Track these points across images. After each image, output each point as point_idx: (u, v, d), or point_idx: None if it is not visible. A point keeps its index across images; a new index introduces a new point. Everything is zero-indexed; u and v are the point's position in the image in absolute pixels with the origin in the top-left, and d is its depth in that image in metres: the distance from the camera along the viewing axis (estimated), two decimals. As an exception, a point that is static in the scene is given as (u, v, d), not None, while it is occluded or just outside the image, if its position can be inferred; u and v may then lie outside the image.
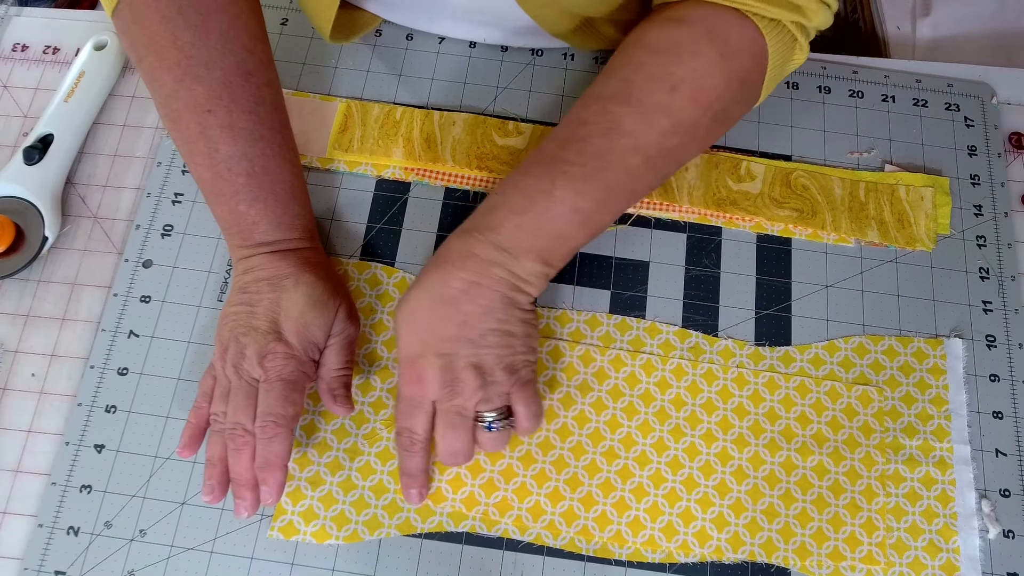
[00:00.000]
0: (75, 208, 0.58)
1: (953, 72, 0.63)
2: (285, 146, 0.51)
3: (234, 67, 0.48)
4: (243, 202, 0.49)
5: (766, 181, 0.58)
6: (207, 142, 0.48)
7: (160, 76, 0.48)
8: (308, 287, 0.49)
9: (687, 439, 0.51)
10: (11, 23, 0.64)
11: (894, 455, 0.51)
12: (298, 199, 0.51)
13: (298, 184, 0.51)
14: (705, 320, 0.55)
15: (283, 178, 0.50)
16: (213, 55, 0.48)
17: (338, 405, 0.50)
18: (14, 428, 0.52)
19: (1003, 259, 0.57)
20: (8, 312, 0.55)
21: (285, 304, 0.48)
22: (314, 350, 0.49)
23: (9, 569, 0.49)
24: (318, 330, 0.49)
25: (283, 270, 0.49)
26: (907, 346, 0.54)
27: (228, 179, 0.48)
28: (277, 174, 0.50)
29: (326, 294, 0.49)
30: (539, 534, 0.49)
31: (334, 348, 0.50)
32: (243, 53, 0.49)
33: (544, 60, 0.62)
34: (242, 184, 0.49)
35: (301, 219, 0.51)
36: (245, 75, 0.49)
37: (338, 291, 0.51)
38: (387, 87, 0.61)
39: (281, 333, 0.48)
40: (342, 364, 0.50)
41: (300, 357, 0.48)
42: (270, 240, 0.50)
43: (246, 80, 0.49)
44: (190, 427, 0.49)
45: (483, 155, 0.58)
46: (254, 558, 0.49)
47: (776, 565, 0.49)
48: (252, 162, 0.49)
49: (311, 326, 0.48)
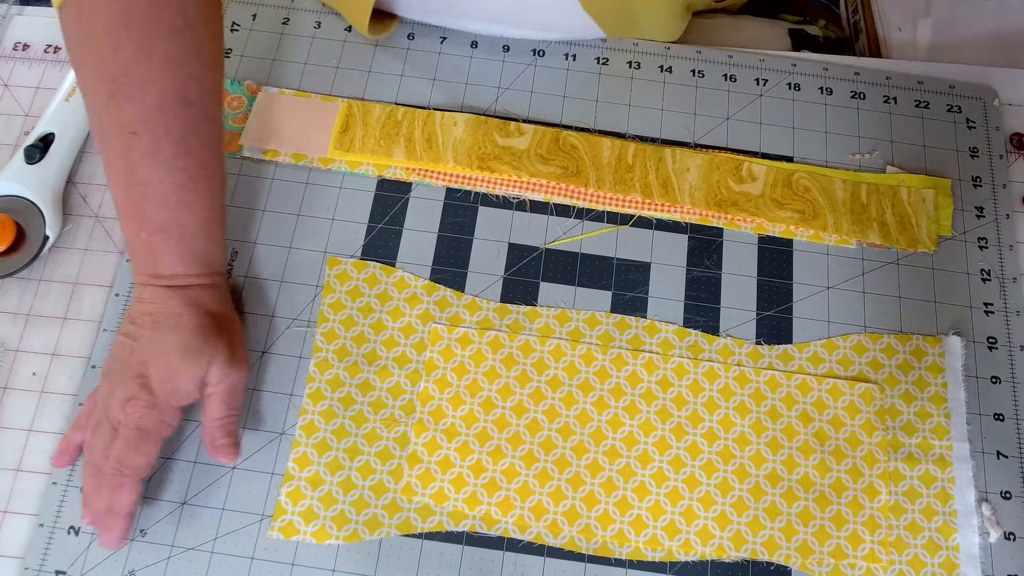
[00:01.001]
0: (76, 207, 0.58)
1: (955, 73, 0.63)
2: (209, 180, 0.49)
3: (172, 92, 0.46)
4: (146, 230, 0.47)
5: (767, 182, 0.58)
6: (127, 164, 0.46)
7: (95, 87, 0.47)
8: (185, 334, 0.47)
9: (689, 438, 0.51)
10: (12, 22, 0.64)
11: (894, 453, 0.51)
12: (208, 235, 0.49)
13: (213, 220, 0.49)
14: (706, 321, 0.55)
15: (196, 212, 0.48)
16: (152, 77, 0.46)
17: (219, 454, 0.48)
18: (15, 427, 0.52)
19: (1004, 261, 0.57)
20: (9, 311, 0.55)
21: (159, 348, 0.47)
22: (179, 399, 0.48)
23: (9, 568, 0.48)
24: (187, 381, 0.47)
25: (168, 308, 0.48)
26: (906, 344, 0.54)
27: (138, 204, 0.47)
28: (191, 207, 0.48)
29: (202, 342, 0.47)
30: (540, 533, 0.49)
31: (214, 398, 0.48)
32: (186, 80, 0.47)
33: (545, 60, 0.62)
34: (151, 212, 0.47)
35: (205, 256, 0.49)
36: (182, 102, 0.47)
37: (219, 338, 0.48)
38: (388, 87, 0.61)
39: (147, 379, 0.47)
40: (223, 413, 0.49)
41: (162, 406, 0.47)
42: (167, 273, 0.48)
43: (182, 107, 0.47)
44: (65, 441, 0.49)
45: (484, 155, 0.58)
46: (254, 558, 0.49)
47: (777, 563, 0.49)
48: (167, 192, 0.47)
49: (178, 375, 0.47)
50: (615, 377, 0.53)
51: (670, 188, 0.57)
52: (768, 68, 0.63)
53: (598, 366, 0.53)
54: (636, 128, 0.60)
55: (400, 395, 0.52)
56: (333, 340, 0.53)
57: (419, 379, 0.52)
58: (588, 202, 0.57)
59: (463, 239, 0.57)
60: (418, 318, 0.54)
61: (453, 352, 0.53)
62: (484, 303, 0.55)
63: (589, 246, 0.57)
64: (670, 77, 0.62)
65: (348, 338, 0.53)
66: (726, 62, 0.63)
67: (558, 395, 0.52)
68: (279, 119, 0.59)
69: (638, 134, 0.60)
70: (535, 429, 0.52)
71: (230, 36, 0.63)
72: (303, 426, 0.51)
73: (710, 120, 0.61)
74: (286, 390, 0.52)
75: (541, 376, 0.53)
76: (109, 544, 0.47)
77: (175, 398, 0.47)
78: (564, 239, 0.57)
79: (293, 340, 0.54)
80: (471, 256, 0.56)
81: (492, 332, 0.54)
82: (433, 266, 0.56)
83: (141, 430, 0.46)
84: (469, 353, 0.53)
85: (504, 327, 0.54)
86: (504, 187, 0.58)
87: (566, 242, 0.57)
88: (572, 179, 0.57)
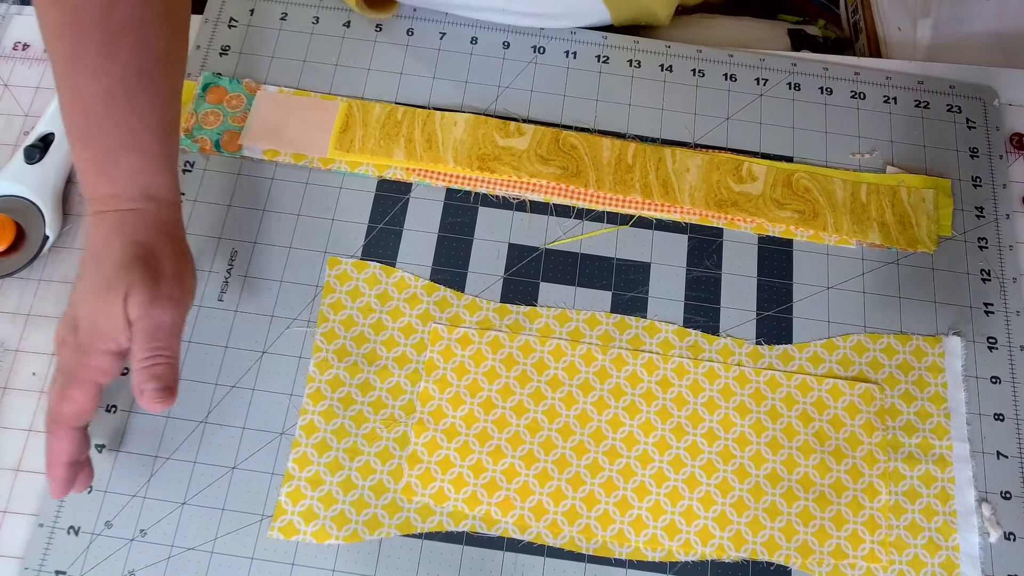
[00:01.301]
0: (76, 207, 0.58)
1: (955, 73, 0.63)
2: (144, 91, 0.45)
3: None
4: (76, 144, 0.44)
5: (767, 182, 0.58)
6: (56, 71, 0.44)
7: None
8: (103, 266, 0.43)
9: (689, 438, 0.52)
10: (12, 22, 0.64)
11: (894, 453, 0.51)
12: (139, 151, 0.45)
13: (148, 135, 0.45)
14: (706, 321, 0.55)
15: (123, 124, 0.44)
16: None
17: (147, 401, 0.43)
18: (15, 427, 0.52)
19: (1004, 261, 0.57)
20: (9, 311, 0.55)
21: (82, 285, 0.44)
22: (105, 340, 0.43)
23: (9, 568, 0.48)
24: (104, 318, 0.42)
25: (96, 239, 0.44)
26: (906, 344, 0.54)
27: (68, 113, 0.44)
28: (116, 120, 0.44)
29: (114, 274, 0.43)
30: (540, 533, 0.49)
31: (136, 336, 0.43)
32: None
33: (546, 59, 0.62)
34: (76, 121, 0.44)
35: (135, 175, 0.45)
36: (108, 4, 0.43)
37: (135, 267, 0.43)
38: (388, 85, 0.61)
39: (76, 320, 0.43)
40: (146, 354, 0.43)
41: (85, 349, 0.43)
42: (97, 195, 0.44)
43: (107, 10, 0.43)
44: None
45: (485, 156, 0.58)
46: (254, 558, 0.49)
47: (777, 563, 0.49)
48: (90, 100, 0.43)
49: (94, 314, 0.43)
50: (615, 377, 0.53)
51: (670, 188, 0.57)
52: (768, 68, 0.62)
53: (598, 366, 0.53)
54: (636, 128, 0.60)
55: (400, 395, 0.52)
56: (333, 340, 0.53)
57: (419, 379, 0.52)
58: (588, 202, 0.57)
59: (463, 239, 0.57)
60: (418, 318, 0.54)
61: (453, 352, 0.53)
62: (484, 303, 0.55)
63: (589, 246, 0.57)
64: (670, 76, 0.62)
65: (348, 338, 0.53)
66: (726, 62, 0.63)
67: (558, 395, 0.52)
68: (279, 119, 0.59)
69: (638, 134, 0.60)
70: (535, 429, 0.52)
71: (228, 32, 0.63)
72: (303, 426, 0.51)
73: (710, 120, 0.61)
74: (286, 390, 0.52)
75: (541, 376, 0.53)
76: (52, 494, 0.45)
77: (100, 340, 0.43)
78: (564, 239, 0.57)
79: (293, 340, 0.54)
80: (471, 256, 0.56)
81: (492, 332, 0.54)
82: (433, 266, 0.56)
83: (66, 375, 0.43)
84: (469, 353, 0.53)
85: (504, 327, 0.54)
86: (504, 187, 0.58)
87: (566, 242, 0.57)
88: (572, 179, 0.57)
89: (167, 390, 0.44)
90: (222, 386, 0.53)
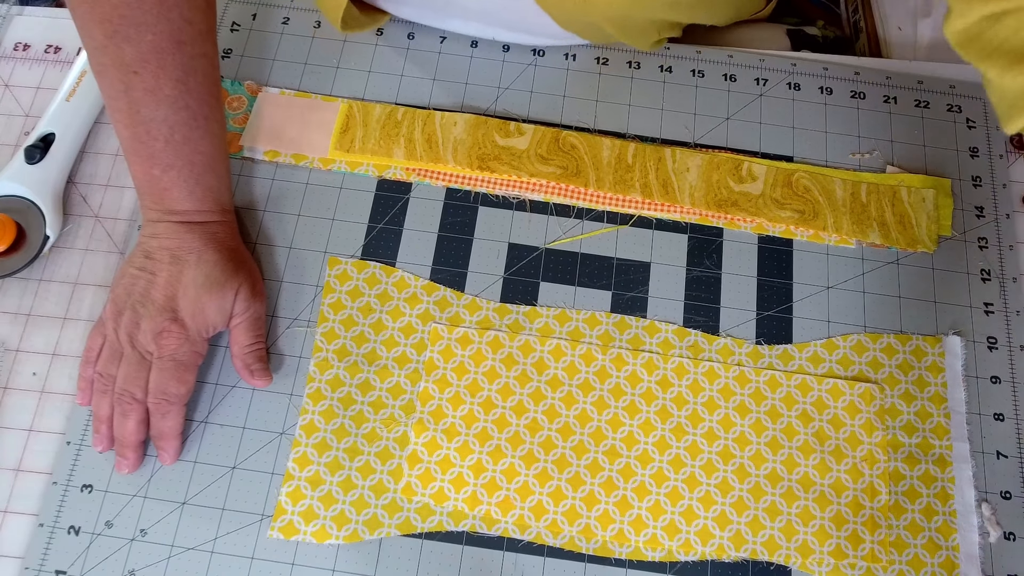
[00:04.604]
0: (76, 207, 0.58)
1: (955, 73, 0.63)
2: (210, 118, 0.51)
3: (167, 34, 0.48)
4: (157, 167, 0.49)
5: (767, 182, 0.58)
6: (129, 102, 0.48)
7: (90, 28, 0.48)
8: (208, 267, 0.50)
9: (689, 438, 0.52)
10: (12, 22, 0.64)
11: (894, 453, 0.51)
12: (215, 172, 0.52)
13: (218, 157, 0.52)
14: (706, 321, 0.55)
15: (202, 149, 0.50)
16: (147, 19, 0.47)
17: (256, 379, 0.51)
18: (15, 427, 0.52)
19: (1005, 261, 0.57)
20: (9, 311, 0.55)
21: (184, 282, 0.49)
22: (208, 330, 0.50)
23: (10, 568, 0.49)
24: (215, 312, 0.50)
25: (187, 243, 0.50)
26: (906, 344, 0.54)
27: (145, 141, 0.49)
28: (197, 144, 0.50)
29: (225, 274, 0.50)
30: (540, 533, 0.49)
31: (242, 327, 0.51)
32: (179, 22, 0.48)
33: (545, 60, 0.62)
34: (159, 149, 0.49)
35: (215, 192, 0.52)
36: (177, 43, 0.48)
37: (240, 270, 0.52)
38: (388, 87, 0.61)
39: (177, 312, 0.49)
40: (252, 340, 0.52)
41: (193, 338, 0.49)
42: (180, 209, 0.50)
43: (178, 48, 0.48)
44: (83, 380, 0.51)
45: (484, 156, 0.58)
46: (254, 558, 0.49)
47: (777, 563, 0.49)
48: (172, 129, 0.49)
49: (207, 308, 0.50)
50: (615, 377, 0.53)
51: (670, 188, 0.57)
52: (768, 68, 0.63)
53: (598, 366, 0.53)
54: (636, 128, 0.60)
55: (400, 395, 0.52)
56: (333, 340, 0.53)
57: (419, 379, 0.53)
58: (588, 202, 0.57)
59: (463, 239, 0.57)
60: (418, 318, 0.54)
61: (453, 352, 0.53)
62: (484, 303, 0.55)
63: (589, 246, 0.57)
64: (670, 77, 0.62)
65: (348, 338, 0.54)
66: (726, 62, 0.63)
67: (558, 395, 0.52)
68: (279, 119, 0.59)
69: (638, 134, 0.60)
70: (535, 429, 0.52)
71: (230, 36, 0.63)
72: (303, 426, 0.51)
73: (710, 120, 0.61)
74: (286, 390, 0.52)
75: (541, 376, 0.53)
76: (166, 461, 0.50)
77: (205, 329, 0.50)
78: (564, 239, 0.57)
79: (293, 340, 0.54)
80: (471, 256, 0.56)
81: (492, 332, 0.54)
82: (433, 266, 0.56)
83: (178, 361, 0.49)
84: (469, 353, 0.53)
85: (504, 327, 0.54)
86: (504, 187, 0.58)
87: (566, 242, 0.57)
88: (572, 179, 0.57)
89: (268, 369, 0.52)
90: (222, 386, 0.53)
